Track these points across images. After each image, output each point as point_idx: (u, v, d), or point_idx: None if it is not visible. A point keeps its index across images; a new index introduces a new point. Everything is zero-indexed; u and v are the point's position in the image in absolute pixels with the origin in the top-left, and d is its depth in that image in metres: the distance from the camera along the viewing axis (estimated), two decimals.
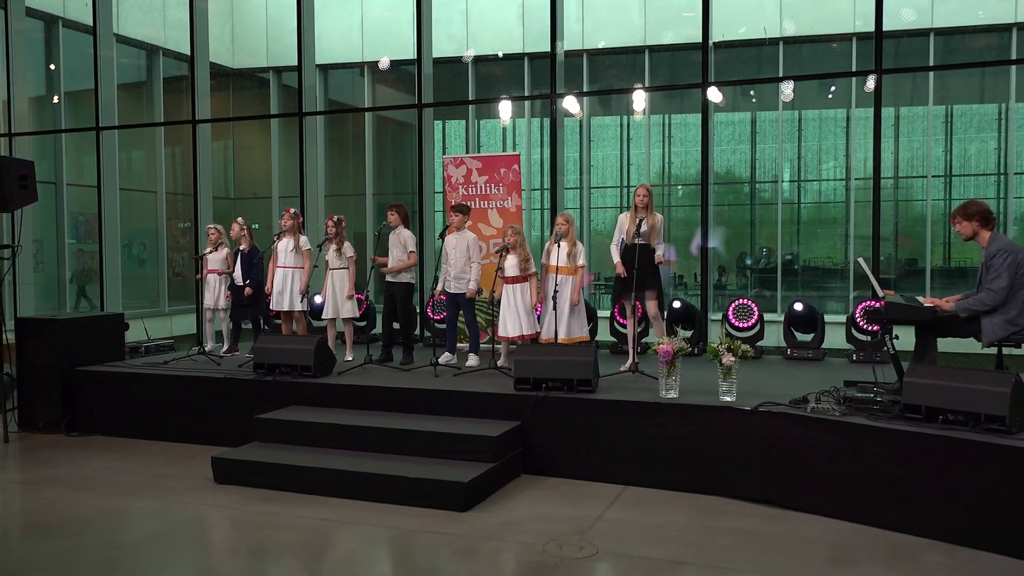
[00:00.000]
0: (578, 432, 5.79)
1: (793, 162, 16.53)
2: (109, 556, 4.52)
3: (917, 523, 4.59)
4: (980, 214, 5.20)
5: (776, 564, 4.29)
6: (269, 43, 17.80)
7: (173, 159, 16.70)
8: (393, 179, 19.06)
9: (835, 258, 16.72)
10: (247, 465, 5.73)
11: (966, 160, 15.93)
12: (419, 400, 6.29)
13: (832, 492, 4.94)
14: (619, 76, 17.27)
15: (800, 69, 15.59)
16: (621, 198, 17.95)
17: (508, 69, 17.19)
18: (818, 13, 15.12)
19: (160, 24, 16.40)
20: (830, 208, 16.93)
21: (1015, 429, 4.49)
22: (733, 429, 5.38)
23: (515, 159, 8.38)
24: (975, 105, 15.84)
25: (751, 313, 7.84)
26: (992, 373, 4.81)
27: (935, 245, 15.41)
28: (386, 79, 17.89)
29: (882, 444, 4.77)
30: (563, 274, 6.83)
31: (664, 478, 5.52)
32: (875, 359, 7.26)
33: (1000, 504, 4.32)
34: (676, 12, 16.11)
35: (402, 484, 5.28)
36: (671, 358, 5.67)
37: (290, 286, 7.75)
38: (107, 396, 7.35)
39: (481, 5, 16.51)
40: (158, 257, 16.41)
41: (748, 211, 17.20)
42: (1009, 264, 5.00)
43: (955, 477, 4.49)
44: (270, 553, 4.54)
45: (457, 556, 4.46)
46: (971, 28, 14.48)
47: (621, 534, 4.73)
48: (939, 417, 4.70)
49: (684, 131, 17.71)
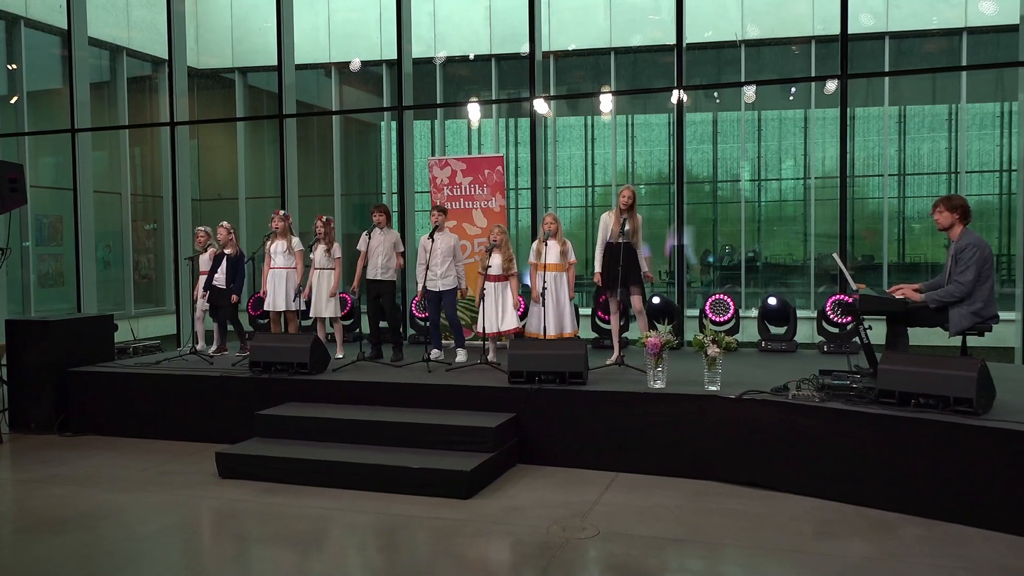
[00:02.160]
0: (571, 422, 6.07)
1: (754, 161, 17.00)
2: (130, 547, 4.68)
3: (894, 499, 4.95)
4: (962, 208, 5.59)
5: (766, 539, 4.61)
6: (234, 44, 17.78)
7: (134, 160, 16.58)
8: (359, 179, 19.17)
9: (795, 255, 17.26)
10: (252, 459, 5.91)
11: (919, 159, 16.54)
12: (416, 394, 6.51)
13: (814, 473, 5.28)
14: (585, 78, 17.60)
15: (761, 70, 16.07)
16: (586, 197, 18.29)
17: (475, 70, 17.41)
18: (778, 17, 15.61)
19: (124, 24, 16.30)
20: (789, 206, 17.46)
21: (981, 410, 4.87)
22: (719, 416, 5.69)
23: (499, 160, 8.63)
24: (927, 106, 16.46)
25: (727, 308, 8.20)
26: (960, 359, 5.19)
27: (890, 242, 16.00)
28: (352, 80, 18.00)
29: (859, 427, 5.11)
30: (554, 271, 7.11)
31: (655, 464, 5.82)
32: (845, 349, 7.65)
33: (969, 480, 4.68)
34: (641, 15, 16.49)
35: (406, 474, 5.50)
36: (658, 350, 5.97)
37: (284, 287, 7.89)
38: (101, 396, 7.44)
39: (448, 7, 16.69)
40: (123, 259, 16.30)
41: (710, 209, 17.63)
42: (977, 259, 5.38)
43: (928, 456, 4.85)
44: (287, 540, 4.73)
45: (469, 538, 4.71)
46: (924, 32, 15.08)
47: (619, 516, 5.01)
48: (912, 401, 5.05)
49: (648, 131, 18.11)
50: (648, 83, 17.01)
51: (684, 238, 8.89)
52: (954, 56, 15.04)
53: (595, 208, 18.07)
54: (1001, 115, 15.76)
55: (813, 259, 15.92)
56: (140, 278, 16.80)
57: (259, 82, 18.20)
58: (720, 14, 15.76)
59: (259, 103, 18.46)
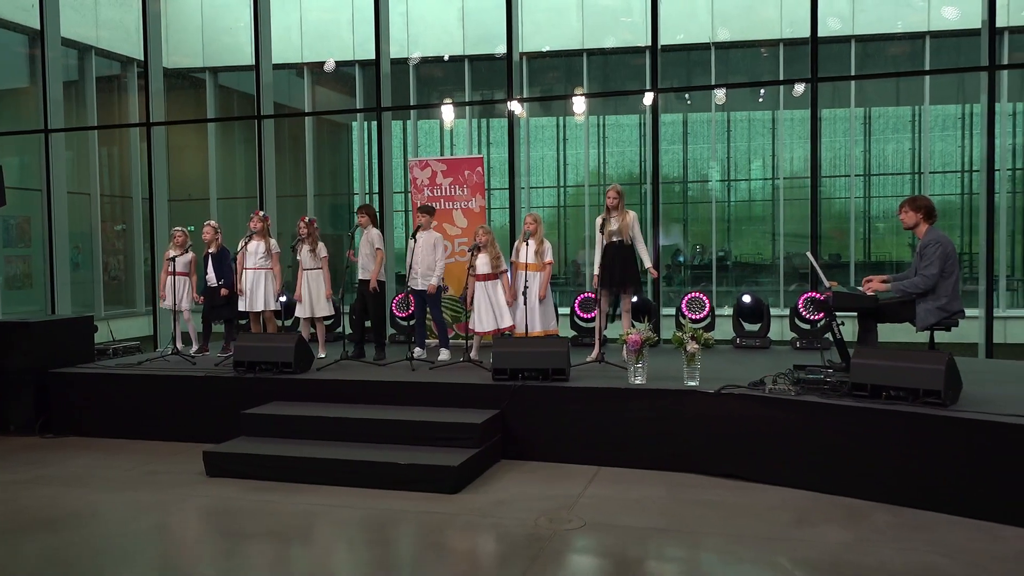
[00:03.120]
0: (554, 418, 6.21)
1: (723, 162, 17.29)
2: (123, 545, 4.73)
3: (867, 488, 5.15)
4: (926, 208, 5.84)
5: (746, 528, 4.78)
6: (205, 43, 17.71)
7: (103, 160, 16.45)
8: (331, 180, 19.18)
9: (764, 254, 17.58)
10: (240, 458, 5.97)
11: (883, 160, 16.94)
12: (400, 392, 6.61)
13: (790, 464, 5.47)
14: (558, 79, 17.79)
15: (730, 72, 16.36)
16: (558, 198, 18.48)
17: (448, 71, 17.51)
18: (748, 20, 15.90)
19: (92, 23, 16.17)
20: (757, 206, 17.78)
21: (949, 402, 5.09)
22: (698, 410, 5.87)
23: (479, 161, 8.76)
24: (891, 108, 16.86)
25: (703, 306, 8.40)
26: (928, 353, 5.42)
27: (857, 241, 16.36)
28: (325, 80, 18.02)
29: (833, 419, 5.31)
30: (532, 271, 7.26)
31: (636, 458, 5.98)
32: (817, 345, 7.88)
33: (938, 468, 4.90)
34: (613, 17, 16.69)
35: (394, 470, 5.60)
36: (639, 347, 6.13)
37: (262, 287, 7.95)
38: (83, 397, 7.44)
39: (421, 8, 16.78)
40: (92, 260, 16.17)
41: (680, 210, 17.89)
42: (940, 254, 5.63)
43: (898, 446, 5.05)
44: (280, 536, 4.81)
45: (459, 531, 4.83)
46: (889, 36, 15.46)
47: (604, 508, 5.16)
48: (883, 393, 5.26)
49: (619, 132, 18.33)
50: (620, 84, 17.23)
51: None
52: (918, 59, 15.43)
53: (567, 208, 18.27)
54: (963, 117, 16.20)
55: (782, 258, 16.24)
56: (109, 279, 16.68)
57: (230, 82, 18.14)
58: (691, 17, 16.02)
59: (230, 103, 18.39)
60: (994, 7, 8.38)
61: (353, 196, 19.00)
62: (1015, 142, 15.82)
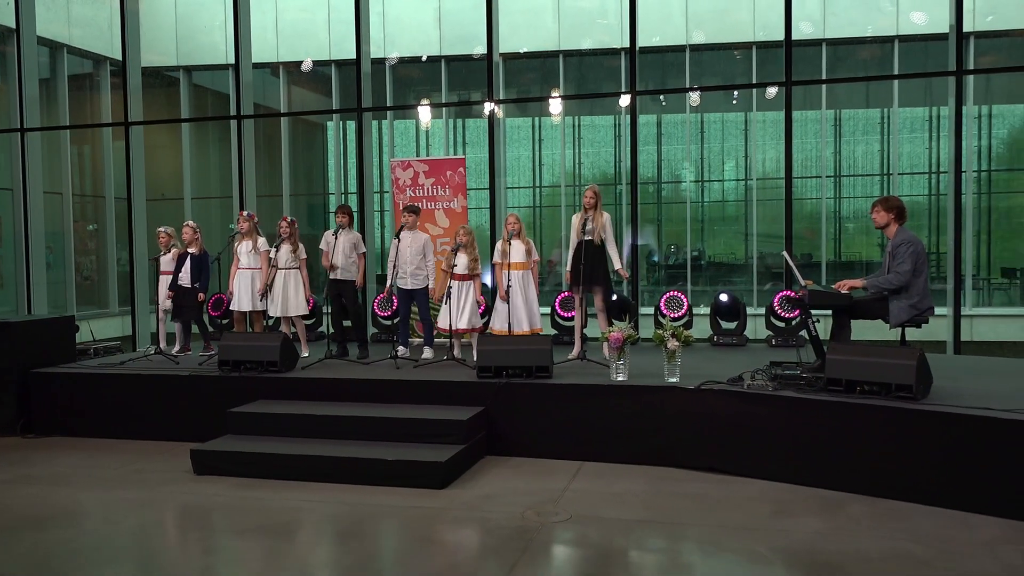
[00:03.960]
0: (538, 415, 6.33)
1: (697, 163, 17.53)
2: (118, 541, 4.79)
3: (843, 480, 5.33)
4: (898, 208, 6.03)
5: (726, 519, 4.94)
6: (179, 42, 17.62)
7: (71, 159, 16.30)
8: (305, 179, 19.16)
9: (737, 254, 17.85)
10: (228, 456, 6.02)
11: (853, 161, 17.27)
12: (386, 390, 6.70)
13: (769, 457, 5.64)
14: (534, 80, 17.91)
15: (703, 74, 16.59)
16: (533, 198, 18.61)
17: (424, 71, 17.58)
18: (722, 23, 16.14)
19: (64, 21, 16.03)
20: (731, 206, 18.04)
21: (920, 396, 5.28)
22: (679, 406, 6.02)
23: (460, 162, 8.86)
24: (861, 110, 17.19)
25: (681, 304, 8.56)
26: (900, 349, 5.61)
27: (827, 241, 16.67)
28: (300, 80, 18.01)
29: (810, 413, 5.49)
30: (518, 269, 7.38)
31: (619, 453, 6.11)
32: (792, 343, 8.08)
33: (911, 460, 5.09)
34: (589, 19, 16.86)
35: (381, 466, 5.69)
36: (621, 344, 6.27)
37: (249, 286, 7.98)
38: (66, 397, 7.43)
39: (398, 8, 16.83)
40: (64, 261, 16.03)
41: (654, 210, 18.10)
42: (911, 253, 5.82)
43: (873, 439, 5.23)
44: (271, 530, 4.88)
45: (449, 524, 4.94)
46: (859, 39, 15.78)
47: (588, 501, 5.29)
48: (857, 388, 5.44)
49: (594, 132, 18.51)
50: (596, 85, 17.40)
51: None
52: (887, 63, 15.76)
53: (542, 209, 18.41)
54: (930, 119, 16.56)
55: (756, 258, 16.50)
56: (82, 280, 16.54)
57: (204, 81, 18.07)
58: (666, 19, 16.22)
59: (204, 102, 18.31)
60: (961, 13, 8.63)
61: (329, 196, 19.00)
62: (980, 144, 16.22)
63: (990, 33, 14.97)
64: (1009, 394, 5.42)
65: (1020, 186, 16.51)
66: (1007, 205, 16.62)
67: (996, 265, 16.62)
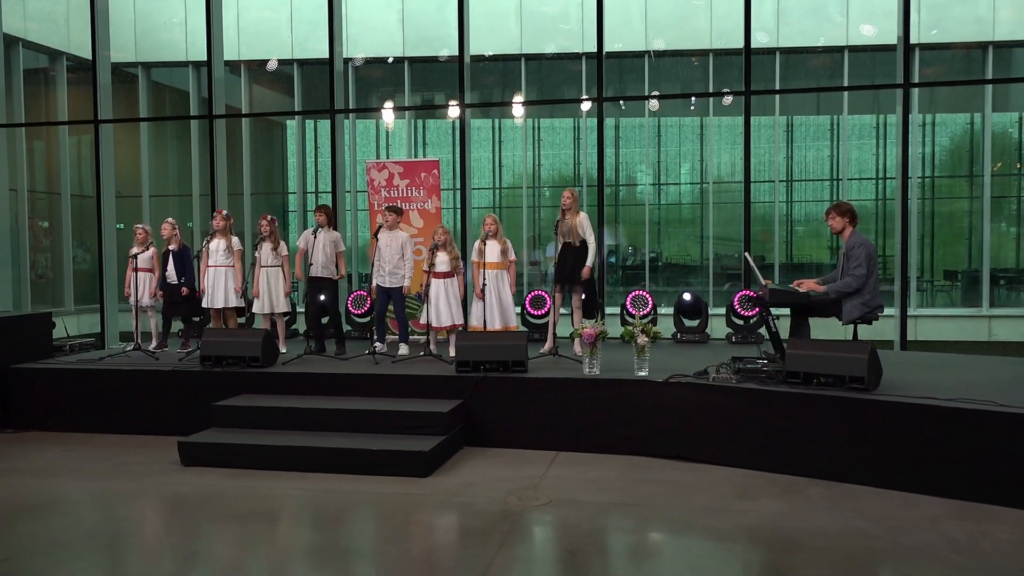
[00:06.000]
0: (514, 407, 6.63)
1: (654, 166, 17.99)
2: (115, 528, 4.97)
3: (802, 465, 5.72)
4: (851, 212, 6.47)
5: (695, 501, 5.30)
6: (137, 38, 17.53)
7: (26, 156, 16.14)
8: (265, 178, 19.20)
9: (692, 255, 18.37)
10: (216, 447, 6.21)
11: (804, 166, 17.90)
12: (367, 384, 6.93)
13: (732, 445, 6.02)
14: (496, 83, 18.20)
15: (662, 80, 17.06)
16: (493, 199, 18.91)
17: (386, 71, 17.75)
18: (680, 30, 16.63)
19: (20, 15, 15.86)
20: (686, 209, 18.56)
21: (872, 387, 5.70)
22: (649, 398, 6.37)
23: (435, 164, 9.12)
24: (812, 117, 17.84)
25: (646, 303, 8.94)
26: (853, 343, 6.03)
27: (779, 243, 17.26)
28: (261, 79, 18.06)
29: (771, 404, 5.88)
30: (493, 269, 7.67)
31: (592, 443, 6.44)
32: (751, 340, 8.50)
33: (863, 446, 5.50)
34: (552, 23, 17.21)
35: (366, 456, 5.94)
36: (594, 340, 6.60)
37: (223, 284, 8.14)
38: (45, 393, 7.51)
39: (361, 9, 16.98)
40: (18, 258, 15.86)
41: (611, 212, 18.52)
42: (865, 255, 6.25)
43: (829, 427, 5.64)
44: (267, 516, 5.11)
45: (435, 510, 5.22)
46: (811, 49, 16.41)
47: (566, 487, 5.61)
48: (814, 380, 5.84)
49: (553, 135, 18.89)
50: (557, 88, 17.76)
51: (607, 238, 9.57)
52: (837, 72, 16.40)
53: (502, 210, 18.71)
54: (877, 127, 17.27)
55: (711, 259, 17.01)
56: (37, 278, 16.38)
57: (162, 78, 18.01)
58: (625, 25, 16.63)
59: (162, 99, 18.24)
60: (908, 28, 9.15)
61: (288, 195, 19.07)
62: (924, 151, 16.96)
63: (935, 45, 15.71)
64: (952, 386, 5.87)
65: (961, 192, 17.31)
66: (949, 210, 17.41)
67: (939, 268, 17.42)
